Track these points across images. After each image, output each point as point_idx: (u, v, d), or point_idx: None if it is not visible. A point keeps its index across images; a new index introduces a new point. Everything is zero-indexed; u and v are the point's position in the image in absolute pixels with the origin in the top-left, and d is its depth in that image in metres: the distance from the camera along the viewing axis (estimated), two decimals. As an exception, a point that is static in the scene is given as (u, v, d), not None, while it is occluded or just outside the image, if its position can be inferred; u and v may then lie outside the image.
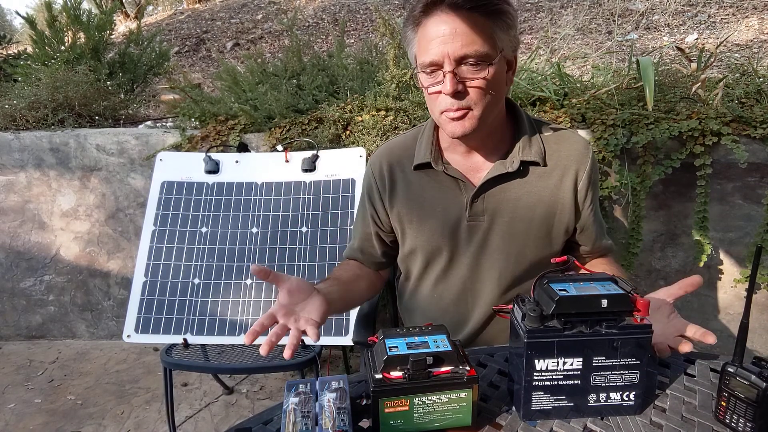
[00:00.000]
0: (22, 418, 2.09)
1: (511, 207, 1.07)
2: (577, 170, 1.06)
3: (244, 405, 2.11)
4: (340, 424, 0.73)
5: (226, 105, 2.31)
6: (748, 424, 0.74)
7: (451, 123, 0.97)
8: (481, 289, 1.14)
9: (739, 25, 3.34)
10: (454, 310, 1.17)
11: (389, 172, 1.15)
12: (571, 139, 1.09)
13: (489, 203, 1.07)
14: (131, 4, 6.55)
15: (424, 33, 0.95)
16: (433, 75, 0.96)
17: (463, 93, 0.94)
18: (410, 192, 1.13)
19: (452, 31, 0.92)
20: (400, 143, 1.17)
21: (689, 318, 0.90)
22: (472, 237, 1.10)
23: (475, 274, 1.13)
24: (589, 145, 1.10)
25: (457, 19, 0.92)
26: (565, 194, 1.07)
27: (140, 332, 1.69)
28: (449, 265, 1.14)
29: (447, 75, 0.93)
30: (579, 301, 0.75)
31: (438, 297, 1.18)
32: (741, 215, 1.91)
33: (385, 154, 1.17)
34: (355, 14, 4.72)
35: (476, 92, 0.95)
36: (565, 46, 3.36)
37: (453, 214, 1.09)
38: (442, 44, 0.92)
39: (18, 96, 2.64)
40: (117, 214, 2.46)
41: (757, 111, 1.82)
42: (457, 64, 0.93)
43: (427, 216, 1.12)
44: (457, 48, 0.92)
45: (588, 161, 1.07)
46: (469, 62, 0.93)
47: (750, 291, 1.87)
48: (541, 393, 0.78)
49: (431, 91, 0.97)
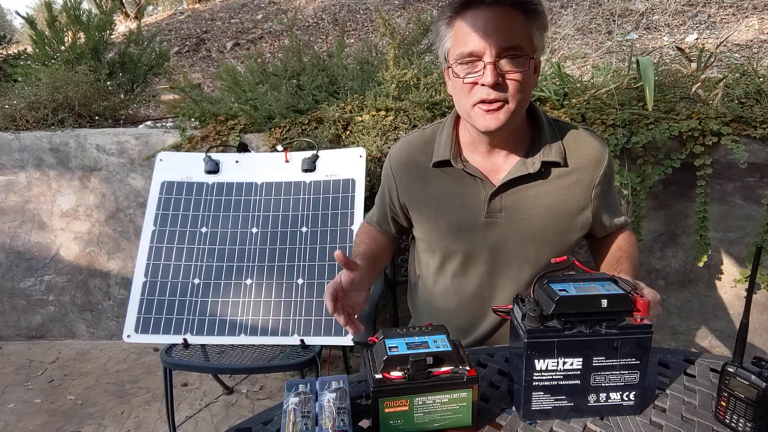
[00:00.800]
0: (22, 418, 2.09)
1: (530, 205, 1.08)
2: (595, 169, 1.09)
3: (244, 405, 2.11)
4: (340, 424, 0.73)
5: (226, 105, 2.31)
6: (748, 424, 0.74)
7: (486, 115, 0.98)
8: (498, 284, 1.15)
9: (739, 25, 3.34)
10: (471, 305, 1.19)
11: (408, 168, 1.17)
12: (589, 138, 1.11)
13: (507, 201, 1.09)
14: (131, 4, 6.55)
15: (463, 26, 0.96)
16: (470, 65, 0.97)
17: (502, 85, 0.95)
18: (428, 188, 1.15)
19: (495, 24, 0.93)
20: (420, 139, 1.18)
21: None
22: (488, 234, 1.11)
23: (492, 269, 1.14)
24: (605, 143, 1.12)
25: (498, 14, 0.94)
26: (582, 192, 1.09)
27: (140, 332, 1.69)
28: (466, 260, 1.15)
29: (488, 66, 0.94)
30: (579, 301, 0.75)
31: (455, 291, 1.19)
32: (741, 215, 1.91)
33: (404, 148, 1.19)
34: (355, 14, 4.72)
35: (514, 85, 0.96)
36: (565, 46, 3.36)
37: (470, 211, 1.11)
38: (484, 36, 0.93)
39: (18, 96, 2.63)
40: (117, 214, 2.46)
41: (757, 111, 1.82)
42: (498, 56, 0.94)
43: (445, 212, 1.14)
44: (500, 40, 0.93)
45: (605, 159, 1.09)
46: (510, 55, 0.94)
47: (750, 291, 1.86)
48: (541, 393, 0.78)
49: (467, 81, 0.97)
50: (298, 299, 1.67)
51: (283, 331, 1.64)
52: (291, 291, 1.69)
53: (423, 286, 1.29)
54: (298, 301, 1.67)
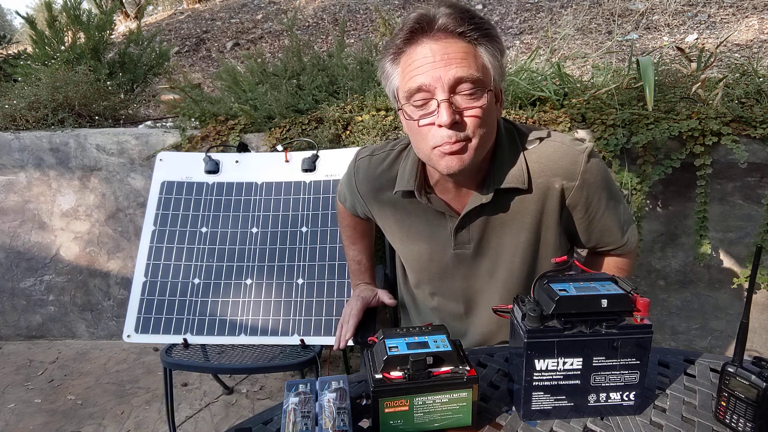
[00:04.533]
0: (22, 418, 2.09)
1: (497, 234, 1.04)
2: (563, 185, 0.98)
3: (244, 405, 2.11)
4: (340, 424, 0.73)
5: (226, 105, 2.31)
6: (748, 424, 0.74)
7: (447, 158, 0.89)
8: (477, 306, 1.14)
9: (739, 25, 3.33)
10: (452, 324, 1.18)
11: (375, 194, 1.13)
12: (557, 153, 0.98)
13: (474, 232, 1.04)
14: (131, 4, 6.55)
15: (410, 61, 0.88)
16: (423, 107, 0.88)
17: (460, 124, 0.87)
18: (397, 213, 1.11)
19: (443, 55, 0.85)
20: (384, 163, 1.11)
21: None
22: (459, 264, 1.09)
23: (468, 293, 1.12)
24: (581, 155, 0.97)
25: (447, 44, 0.85)
26: (550, 216, 1.01)
27: (140, 332, 1.69)
28: (442, 284, 1.14)
29: (442, 104, 0.85)
30: (579, 301, 0.75)
31: (436, 309, 1.19)
32: (741, 215, 1.91)
33: (369, 171, 1.13)
34: (355, 14, 4.71)
35: (473, 122, 0.87)
36: (565, 46, 3.36)
37: (439, 242, 1.08)
38: (432, 69, 0.85)
39: (18, 96, 2.63)
40: (117, 214, 2.46)
41: (757, 111, 1.82)
42: (451, 92, 0.86)
43: (414, 239, 1.11)
44: (451, 72, 0.84)
45: (577, 174, 0.97)
46: (464, 90, 0.86)
47: (750, 291, 1.87)
48: (541, 393, 0.78)
49: (422, 124, 0.89)
50: (298, 299, 1.67)
51: (283, 331, 1.64)
52: (291, 291, 1.69)
53: (407, 296, 1.30)
54: (298, 301, 1.67)
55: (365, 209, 1.19)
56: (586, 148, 0.98)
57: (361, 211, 1.24)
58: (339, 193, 1.33)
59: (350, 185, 1.19)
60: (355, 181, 1.16)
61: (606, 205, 1.03)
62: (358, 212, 1.26)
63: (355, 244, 1.38)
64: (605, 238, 1.08)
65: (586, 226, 1.05)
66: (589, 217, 1.03)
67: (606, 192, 1.02)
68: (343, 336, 1.21)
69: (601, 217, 1.04)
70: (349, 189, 1.21)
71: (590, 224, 1.05)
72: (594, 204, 1.02)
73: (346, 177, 1.22)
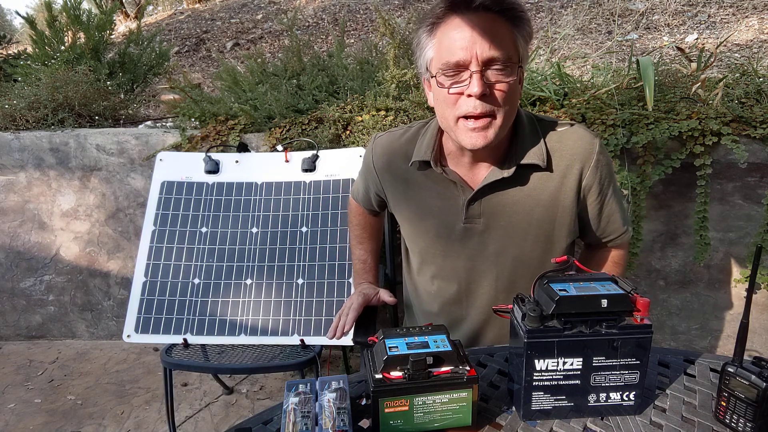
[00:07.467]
0: (22, 418, 2.09)
1: (509, 211, 1.05)
2: (582, 167, 1.03)
3: (244, 405, 2.11)
4: (340, 424, 0.73)
5: (226, 105, 2.31)
6: (748, 424, 0.74)
7: (471, 133, 0.94)
8: (477, 290, 1.14)
9: (739, 25, 3.33)
10: (451, 309, 1.18)
11: (390, 168, 1.16)
12: (574, 136, 1.04)
13: (486, 206, 1.06)
14: (131, 4, 6.55)
15: (447, 34, 0.92)
16: (455, 75, 0.92)
17: (489, 96, 0.91)
18: (410, 190, 1.13)
19: (481, 31, 0.89)
20: (404, 138, 1.15)
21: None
22: (467, 239, 1.09)
23: (471, 275, 1.12)
24: (596, 139, 1.04)
25: (485, 20, 0.90)
26: (567, 195, 1.04)
27: (140, 332, 1.69)
28: (444, 264, 1.14)
29: (474, 75, 0.90)
30: (579, 301, 0.75)
31: (436, 294, 1.19)
32: (741, 215, 1.91)
33: (387, 146, 1.17)
34: (355, 14, 4.71)
35: (502, 96, 0.92)
36: (565, 46, 3.36)
37: (449, 216, 1.09)
38: (470, 44, 0.89)
39: (18, 96, 2.63)
40: (117, 214, 2.46)
41: (757, 111, 1.82)
42: (484, 66, 0.90)
43: (424, 215, 1.12)
44: (486, 49, 0.89)
45: (593, 155, 1.02)
46: (496, 66, 0.90)
47: (750, 291, 1.87)
48: (541, 393, 0.78)
49: (453, 91, 0.93)
50: (298, 299, 1.67)
51: (283, 331, 1.64)
52: (291, 291, 1.69)
53: (410, 285, 1.30)
54: (298, 301, 1.67)
55: (379, 187, 1.20)
56: (598, 135, 1.04)
57: (374, 193, 1.25)
58: (353, 190, 1.38)
59: (367, 165, 1.22)
60: (372, 157, 1.19)
61: (613, 190, 1.08)
62: (371, 197, 1.27)
63: (363, 243, 1.40)
64: (611, 225, 1.11)
65: (597, 212, 1.09)
66: (601, 201, 1.07)
67: (612, 178, 1.08)
68: (341, 327, 1.20)
69: (609, 201, 1.08)
70: (365, 169, 1.24)
71: (601, 209, 1.08)
72: (605, 187, 1.06)
73: (363, 161, 1.26)
